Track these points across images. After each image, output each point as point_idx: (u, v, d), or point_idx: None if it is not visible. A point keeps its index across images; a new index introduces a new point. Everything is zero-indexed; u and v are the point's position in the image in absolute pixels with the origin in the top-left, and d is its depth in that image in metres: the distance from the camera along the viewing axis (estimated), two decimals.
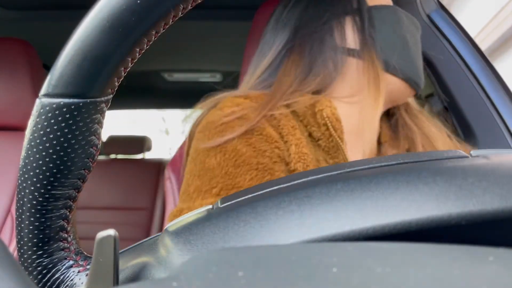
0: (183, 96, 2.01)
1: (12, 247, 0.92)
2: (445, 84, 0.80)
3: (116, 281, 0.19)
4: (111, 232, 0.19)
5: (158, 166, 1.91)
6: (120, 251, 0.24)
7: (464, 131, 0.75)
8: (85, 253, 0.24)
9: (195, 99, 0.57)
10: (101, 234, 0.19)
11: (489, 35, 3.92)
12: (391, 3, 0.56)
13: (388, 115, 0.60)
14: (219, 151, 0.46)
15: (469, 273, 0.11)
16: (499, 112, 0.72)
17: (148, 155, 2.30)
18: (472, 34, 0.80)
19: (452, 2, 3.88)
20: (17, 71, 1.00)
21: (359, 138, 0.54)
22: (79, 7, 1.11)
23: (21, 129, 1.04)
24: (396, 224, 0.17)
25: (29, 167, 0.21)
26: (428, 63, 0.83)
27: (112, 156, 2.12)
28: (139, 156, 2.15)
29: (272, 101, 0.50)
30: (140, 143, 2.10)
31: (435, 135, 0.58)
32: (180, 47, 1.43)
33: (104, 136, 2.17)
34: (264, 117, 0.48)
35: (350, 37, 0.53)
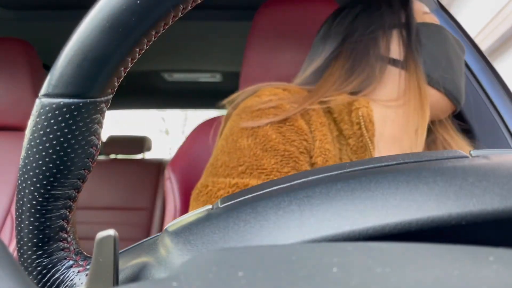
0: (183, 96, 2.01)
1: (12, 247, 0.92)
2: None
3: (116, 281, 0.19)
4: (111, 232, 0.19)
5: (158, 166, 1.91)
6: (120, 251, 0.24)
7: (464, 131, 0.75)
8: (85, 253, 0.24)
9: (195, 99, 0.57)
10: (101, 234, 0.19)
11: (489, 35, 3.92)
12: (438, 23, 0.58)
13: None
14: (251, 134, 0.49)
15: (469, 273, 0.11)
16: (499, 112, 0.72)
17: (148, 155, 2.30)
18: (472, 34, 0.80)
19: (452, 2, 3.88)
20: (17, 71, 1.00)
21: (396, 145, 0.55)
22: (79, 7, 1.11)
23: (21, 129, 1.04)
24: (396, 224, 0.17)
25: (29, 167, 0.21)
26: None
27: (112, 156, 2.12)
28: (139, 156, 2.15)
29: (313, 97, 0.53)
30: (140, 143, 2.10)
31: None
32: (180, 47, 1.43)
33: (104, 136, 2.18)
34: (300, 110, 0.51)
35: (395, 48, 0.56)
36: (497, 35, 3.84)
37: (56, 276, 0.22)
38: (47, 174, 0.21)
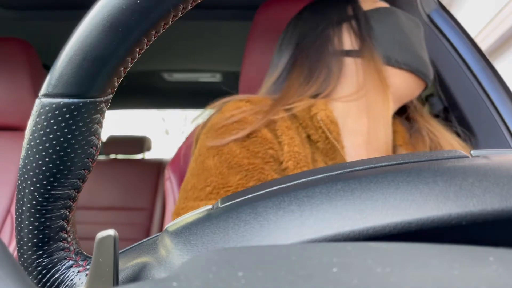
0: (183, 96, 2.01)
1: (12, 247, 0.92)
2: (445, 84, 0.80)
3: (116, 281, 0.19)
4: (111, 232, 0.19)
5: (158, 166, 1.91)
6: (120, 251, 0.24)
7: (464, 131, 0.75)
8: (85, 253, 0.24)
9: (195, 99, 0.57)
10: (101, 234, 0.19)
11: (489, 35, 3.92)
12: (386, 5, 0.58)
13: (405, 118, 0.61)
14: (217, 153, 0.49)
15: (469, 273, 0.11)
16: (499, 112, 0.72)
17: (147, 155, 2.30)
18: (472, 34, 0.80)
19: (451, 2, 3.88)
20: (17, 71, 1.00)
21: (365, 137, 0.55)
22: (79, 7, 1.11)
23: (20, 129, 1.04)
24: (396, 224, 0.17)
25: (29, 167, 0.21)
26: None
27: (112, 156, 2.12)
28: (139, 156, 2.15)
29: (277, 106, 0.53)
30: (140, 143, 2.10)
31: (456, 143, 0.59)
32: (180, 47, 1.43)
33: (104, 136, 2.17)
34: (265, 122, 0.51)
35: (347, 40, 0.55)
36: (497, 35, 3.84)
37: (56, 276, 0.22)
38: (47, 174, 0.21)
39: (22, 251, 0.22)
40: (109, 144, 2.08)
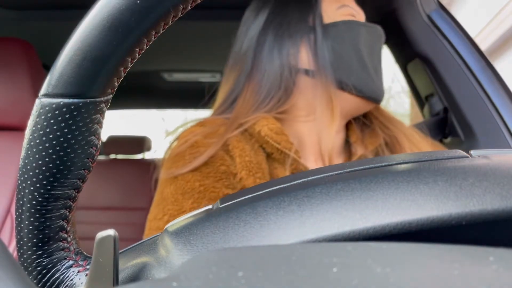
0: (183, 96, 2.00)
1: (12, 247, 0.92)
2: (445, 84, 0.80)
3: (116, 281, 0.19)
4: (111, 232, 0.19)
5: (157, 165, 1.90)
6: (120, 251, 0.24)
7: (464, 131, 0.75)
8: (85, 253, 0.24)
9: (195, 99, 0.58)
10: (101, 234, 0.19)
11: (489, 35, 3.92)
12: (352, 17, 0.57)
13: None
14: (173, 181, 0.51)
15: (469, 273, 0.11)
16: (499, 112, 0.72)
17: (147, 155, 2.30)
18: (472, 34, 0.80)
19: (452, 2, 3.88)
20: (17, 71, 1.00)
21: (318, 148, 0.57)
22: (79, 7, 1.11)
23: (20, 129, 1.04)
24: (397, 224, 0.17)
25: (28, 167, 0.21)
26: (428, 63, 0.83)
27: (112, 156, 2.12)
28: (139, 156, 2.15)
29: (231, 127, 0.53)
30: (140, 143, 2.10)
31: (412, 134, 0.61)
32: (179, 47, 1.43)
33: (104, 136, 2.17)
34: (221, 147, 0.52)
35: (304, 58, 0.55)
36: (498, 35, 3.84)
37: (56, 276, 0.22)
38: (47, 174, 0.21)
39: (22, 251, 0.22)
40: (109, 144, 2.08)
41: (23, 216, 0.22)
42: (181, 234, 0.20)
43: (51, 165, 0.21)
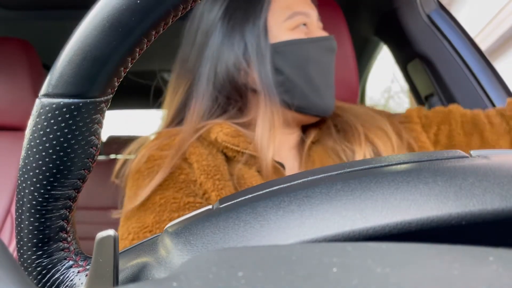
0: None
1: (12, 247, 0.92)
2: (445, 84, 0.80)
3: (116, 281, 0.19)
4: (110, 232, 0.19)
5: None
6: (120, 251, 0.24)
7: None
8: (85, 254, 0.24)
9: None
10: (101, 234, 0.19)
11: (489, 35, 3.92)
12: (301, 30, 0.56)
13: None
14: (134, 199, 0.51)
15: (469, 273, 0.11)
16: None
17: None
18: (472, 34, 0.80)
19: (451, 2, 3.88)
20: (17, 71, 1.00)
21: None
22: (79, 7, 1.11)
23: (21, 129, 1.04)
24: (396, 224, 0.17)
25: (28, 167, 0.21)
26: (428, 63, 0.83)
27: (112, 156, 2.12)
28: None
29: (186, 138, 0.54)
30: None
31: (367, 113, 0.62)
32: (179, 47, 1.43)
33: (104, 136, 2.17)
34: (179, 157, 0.53)
35: (251, 76, 0.56)
36: (497, 35, 3.84)
37: (56, 276, 0.22)
38: (47, 174, 0.21)
39: (22, 251, 0.22)
40: (109, 144, 2.07)
41: (23, 216, 0.22)
42: (181, 234, 0.20)
43: (51, 165, 0.21)
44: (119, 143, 2.14)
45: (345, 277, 0.11)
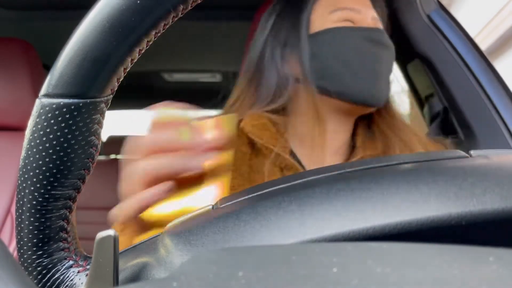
0: (183, 97, 2.00)
1: (12, 247, 0.92)
2: (445, 84, 0.80)
3: (116, 281, 0.19)
4: (111, 232, 0.19)
5: None
6: (120, 251, 0.24)
7: (464, 131, 0.75)
8: (85, 253, 0.24)
9: (195, 99, 0.58)
10: (101, 234, 0.19)
11: (489, 35, 3.92)
12: (346, 22, 0.57)
13: (367, 118, 0.62)
14: None
15: (469, 273, 0.11)
16: (499, 112, 0.72)
17: None
18: (472, 34, 0.80)
19: (451, 2, 3.88)
20: (17, 71, 1.00)
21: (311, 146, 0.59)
22: (79, 7, 1.11)
23: (20, 129, 1.04)
24: (396, 224, 0.17)
25: (29, 167, 0.21)
26: (428, 63, 0.83)
27: (112, 156, 2.12)
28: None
29: None
30: None
31: (412, 141, 0.60)
32: (179, 47, 1.43)
33: (104, 136, 2.17)
34: None
35: (295, 66, 0.57)
36: (497, 34, 3.84)
37: (56, 276, 0.22)
38: (47, 174, 0.21)
39: (22, 251, 0.22)
40: (109, 144, 2.07)
41: (23, 216, 0.22)
42: (181, 234, 0.20)
43: (51, 165, 0.21)
44: (119, 143, 2.14)
45: (345, 277, 0.11)
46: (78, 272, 0.23)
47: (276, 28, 0.60)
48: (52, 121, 0.20)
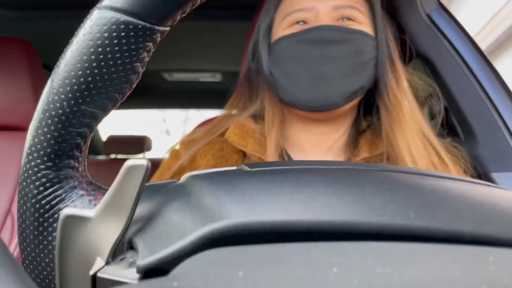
0: (183, 96, 2.00)
1: (13, 247, 0.92)
2: (445, 84, 0.80)
3: (131, 216, 0.18)
4: (144, 162, 0.18)
5: (158, 166, 1.91)
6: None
7: (464, 131, 0.75)
8: (98, 184, 0.23)
9: (195, 99, 0.59)
10: (132, 162, 0.18)
11: (489, 35, 3.92)
12: (295, 26, 0.56)
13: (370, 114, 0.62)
14: None
15: (469, 273, 0.11)
16: (499, 112, 0.72)
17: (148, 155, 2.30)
18: (472, 33, 0.80)
19: (450, 2, 3.88)
20: (17, 71, 1.00)
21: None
22: (79, 7, 1.11)
23: (21, 129, 1.04)
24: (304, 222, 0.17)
25: (72, 73, 0.20)
26: (428, 63, 0.83)
27: (112, 156, 2.12)
28: (139, 156, 2.15)
29: (204, 137, 0.61)
30: (140, 143, 2.10)
31: (416, 142, 0.59)
32: (180, 47, 1.43)
33: (104, 136, 2.17)
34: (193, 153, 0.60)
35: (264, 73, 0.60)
36: (497, 34, 3.84)
37: (58, 192, 0.21)
38: (84, 86, 0.20)
39: (31, 157, 0.21)
40: (109, 144, 2.07)
41: (43, 122, 0.21)
42: (220, 182, 0.20)
43: (90, 79, 0.20)
44: (119, 143, 2.14)
45: (345, 276, 0.11)
46: (82, 195, 0.22)
47: (254, 37, 0.62)
48: (106, 34, 0.20)
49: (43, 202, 0.21)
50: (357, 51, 0.54)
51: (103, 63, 0.20)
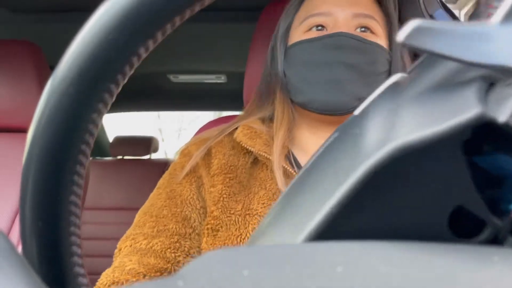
0: (189, 98, 2.01)
1: (21, 248, 0.93)
2: None
3: None
4: None
5: (164, 167, 1.91)
6: None
7: None
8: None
9: (200, 100, 0.59)
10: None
11: None
12: (313, 31, 0.57)
13: None
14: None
15: (474, 274, 0.11)
16: None
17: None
18: None
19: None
20: (25, 73, 1.01)
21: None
22: (86, 9, 1.12)
23: (26, 131, 1.05)
24: None
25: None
26: None
27: (119, 157, 2.13)
28: (146, 157, 2.16)
29: (217, 136, 0.61)
30: (147, 144, 2.10)
31: None
32: (185, 49, 1.44)
33: (111, 137, 2.19)
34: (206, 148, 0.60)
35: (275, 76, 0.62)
36: None
37: None
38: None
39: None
40: (116, 145, 2.08)
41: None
42: None
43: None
44: (125, 144, 2.15)
45: (349, 276, 0.11)
46: None
47: (273, 39, 0.63)
48: None
49: None
50: (372, 61, 0.56)
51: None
